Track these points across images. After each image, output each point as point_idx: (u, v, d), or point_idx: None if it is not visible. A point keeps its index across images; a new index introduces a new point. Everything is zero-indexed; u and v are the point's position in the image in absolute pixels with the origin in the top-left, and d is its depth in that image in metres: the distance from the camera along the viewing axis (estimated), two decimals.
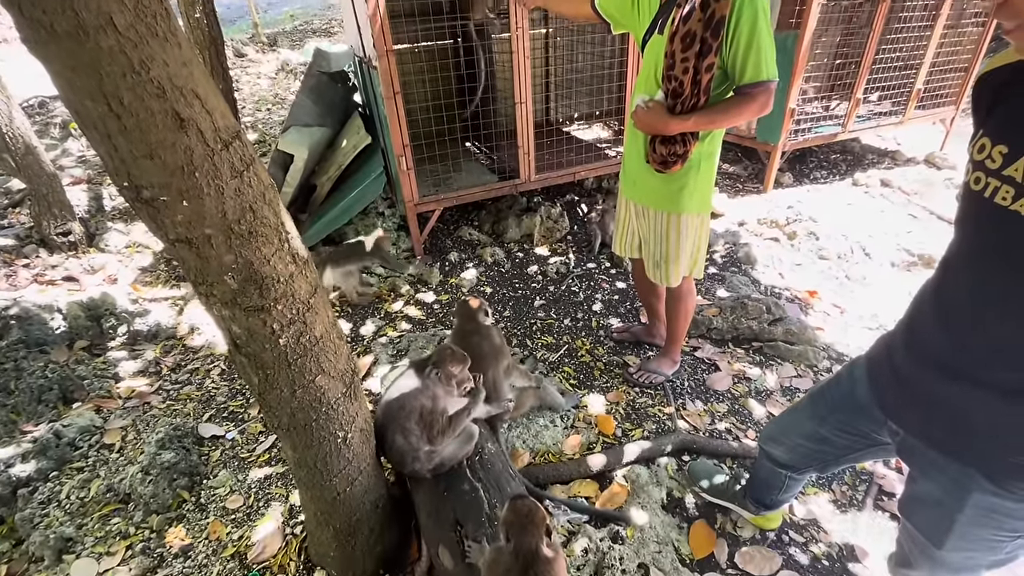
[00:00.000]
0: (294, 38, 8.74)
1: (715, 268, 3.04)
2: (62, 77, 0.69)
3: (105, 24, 0.65)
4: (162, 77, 0.73)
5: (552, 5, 2.63)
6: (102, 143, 0.76)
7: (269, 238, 0.94)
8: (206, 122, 0.80)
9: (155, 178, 0.79)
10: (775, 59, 1.53)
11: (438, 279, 2.98)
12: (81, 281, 2.87)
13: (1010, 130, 0.77)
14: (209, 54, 2.95)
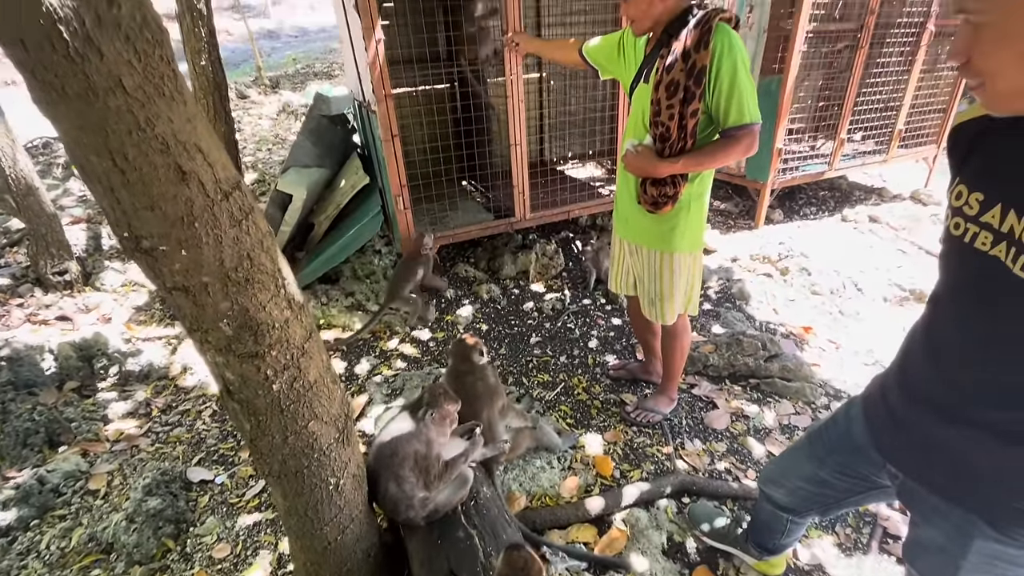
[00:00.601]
0: (296, 81, 9.02)
1: (710, 304, 3.06)
2: (70, 135, 0.72)
3: (115, 86, 0.68)
4: (166, 133, 0.75)
5: (544, 52, 2.76)
6: (105, 196, 0.78)
7: (265, 284, 0.95)
8: (207, 174, 0.82)
9: (155, 229, 0.81)
10: (757, 103, 1.59)
11: (433, 316, 2.98)
12: (75, 320, 2.85)
13: (984, 179, 0.80)
14: (213, 99, 3.04)
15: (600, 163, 4.44)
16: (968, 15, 0.66)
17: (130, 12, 0.67)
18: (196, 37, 2.87)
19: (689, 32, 1.55)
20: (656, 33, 1.68)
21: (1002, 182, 0.77)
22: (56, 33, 0.62)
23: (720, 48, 1.52)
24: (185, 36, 2.91)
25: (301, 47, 14.74)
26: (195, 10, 2.80)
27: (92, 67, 0.66)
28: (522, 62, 2.80)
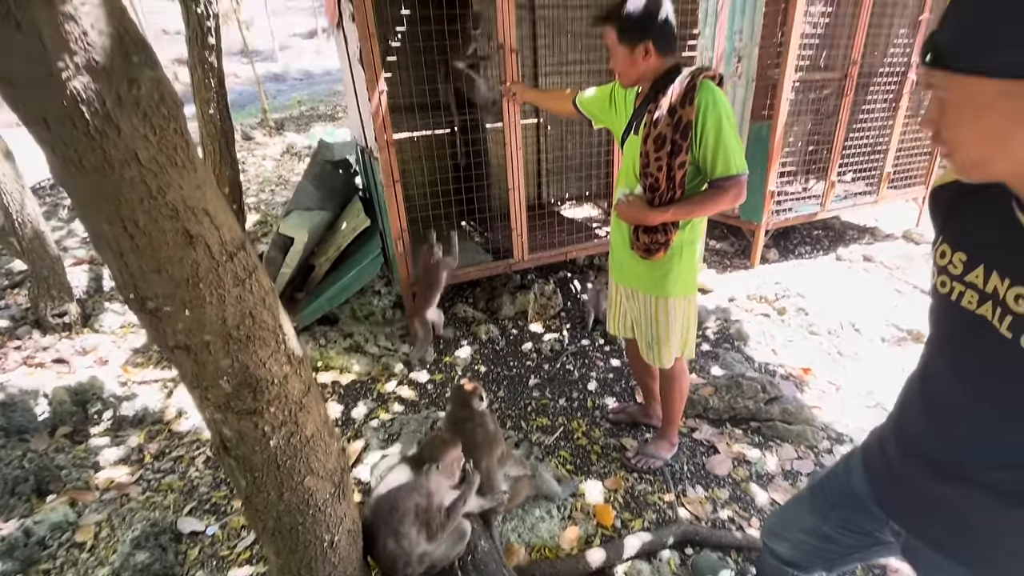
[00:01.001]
0: (300, 123, 9.28)
1: (708, 345, 3.06)
2: (84, 204, 0.75)
3: (130, 159, 0.71)
4: (177, 200, 0.78)
5: (539, 102, 2.87)
6: (114, 260, 0.80)
7: (266, 341, 0.97)
8: (214, 237, 0.85)
9: (160, 290, 0.82)
10: (743, 155, 1.65)
11: (432, 357, 2.97)
12: (71, 363, 2.84)
13: (965, 239, 0.82)
14: (219, 145, 3.13)
15: (597, 204, 4.52)
16: (934, 90, 0.70)
17: (149, 92, 0.71)
18: (206, 88, 2.98)
19: (675, 88, 1.62)
20: (644, 88, 1.76)
21: (982, 244, 0.79)
22: (78, 113, 0.65)
23: (705, 104, 1.59)
24: (196, 87, 3.02)
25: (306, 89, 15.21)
26: (207, 63, 2.92)
27: (110, 143, 0.69)
28: (520, 109, 2.90)
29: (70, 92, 0.64)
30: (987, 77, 0.62)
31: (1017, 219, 0.73)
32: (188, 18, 2.88)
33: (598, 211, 4.39)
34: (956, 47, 0.64)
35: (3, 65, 0.61)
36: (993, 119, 0.64)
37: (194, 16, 2.84)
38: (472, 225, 4.03)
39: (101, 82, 0.66)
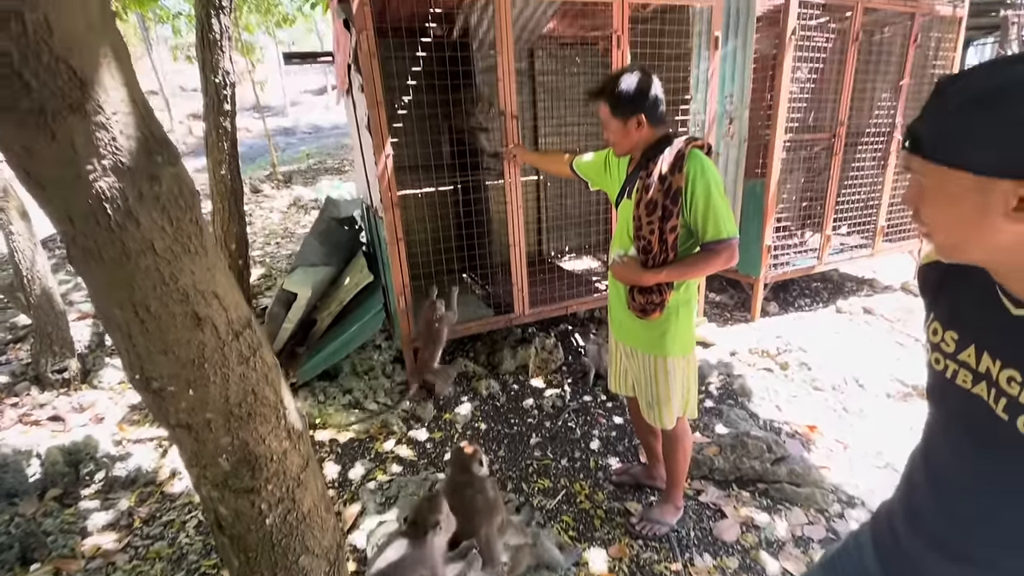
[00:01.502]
0: (308, 176, 9.58)
1: (712, 401, 3.02)
2: (98, 290, 0.77)
3: (147, 249, 0.75)
4: (188, 285, 0.81)
5: (538, 164, 2.98)
6: (122, 342, 0.82)
7: (267, 417, 0.97)
8: (221, 318, 0.87)
9: (166, 371, 0.84)
10: (732, 219, 1.70)
11: (432, 415, 2.94)
12: (67, 421, 2.81)
13: (955, 319, 0.83)
14: (228, 203, 3.22)
15: (596, 257, 4.59)
16: (913, 173, 0.73)
17: (168, 187, 0.75)
18: (219, 149, 3.11)
19: (665, 157, 1.70)
20: (636, 156, 1.84)
21: (971, 324, 0.80)
22: (101, 210, 0.69)
23: (694, 172, 1.66)
24: (209, 148, 3.15)
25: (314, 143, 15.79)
26: (221, 127, 3.06)
27: (128, 235, 0.72)
28: (520, 168, 3.00)
29: (95, 192, 0.68)
30: (962, 171, 0.65)
31: (1001, 301, 0.75)
32: (206, 86, 3.04)
33: (598, 263, 4.45)
34: (934, 140, 0.68)
35: (36, 171, 0.65)
36: (967, 209, 0.67)
37: (212, 85, 3.00)
38: (473, 278, 4.08)
39: (125, 181, 0.70)
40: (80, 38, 0.61)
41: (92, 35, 0.63)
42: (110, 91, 0.65)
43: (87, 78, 0.62)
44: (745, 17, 3.48)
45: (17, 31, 0.56)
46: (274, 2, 9.36)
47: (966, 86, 0.65)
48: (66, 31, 0.59)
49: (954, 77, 0.68)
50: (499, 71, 2.76)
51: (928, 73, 4.37)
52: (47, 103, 0.60)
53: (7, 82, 0.58)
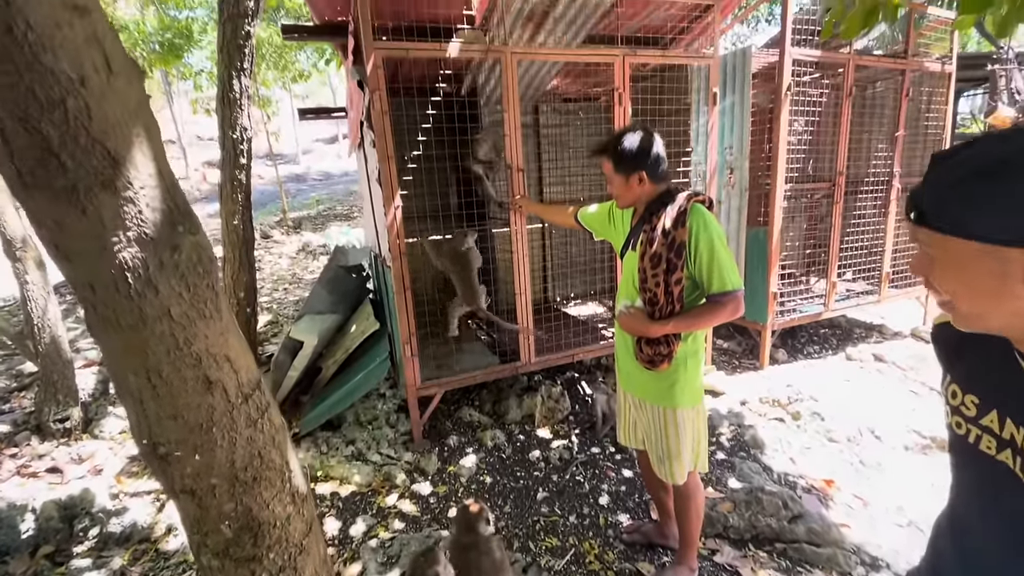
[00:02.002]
0: (317, 222, 9.78)
1: (723, 453, 2.94)
2: (113, 356, 0.78)
3: (163, 315, 0.76)
4: (201, 349, 0.81)
5: (543, 214, 3.04)
6: (133, 407, 0.82)
7: (272, 481, 0.95)
8: (231, 381, 0.87)
9: (174, 436, 0.83)
10: (736, 271, 1.71)
11: (436, 467, 2.86)
12: (65, 472, 2.75)
13: (975, 382, 0.81)
14: (240, 252, 3.28)
15: (602, 302, 4.60)
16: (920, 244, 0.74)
17: (188, 255, 0.77)
18: (233, 201, 3.20)
19: (668, 212, 1.73)
20: (639, 209, 1.87)
21: (992, 388, 0.78)
22: (123, 279, 0.71)
23: (696, 227, 1.69)
24: (224, 200, 3.25)
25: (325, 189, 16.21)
26: (236, 180, 3.17)
27: (147, 302, 0.74)
28: (526, 217, 3.06)
29: (119, 262, 0.70)
30: (970, 240, 0.65)
31: (1021, 367, 0.73)
32: (224, 141, 3.17)
33: (603, 309, 4.45)
34: (936, 209, 0.68)
35: (64, 244, 0.68)
36: (982, 277, 0.67)
37: (230, 140, 3.13)
38: (479, 325, 4.08)
39: (148, 251, 0.72)
40: (116, 121, 0.64)
41: (127, 117, 0.67)
42: (140, 167, 0.68)
43: (120, 157, 0.65)
44: (741, 74, 3.62)
45: (59, 117, 0.59)
46: (291, 59, 9.86)
47: (967, 158, 0.66)
48: (104, 116, 0.63)
49: (951, 150, 0.70)
50: (506, 126, 2.87)
51: (922, 125, 4.50)
52: (80, 181, 0.63)
53: (45, 163, 0.61)
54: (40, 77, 0.57)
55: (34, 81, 0.57)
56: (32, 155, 0.60)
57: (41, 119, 0.58)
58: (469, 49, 2.68)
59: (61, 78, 0.58)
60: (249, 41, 3.03)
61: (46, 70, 0.57)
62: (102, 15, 0.63)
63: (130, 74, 0.67)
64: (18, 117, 0.58)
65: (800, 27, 3.52)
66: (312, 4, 2.94)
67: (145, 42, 7.50)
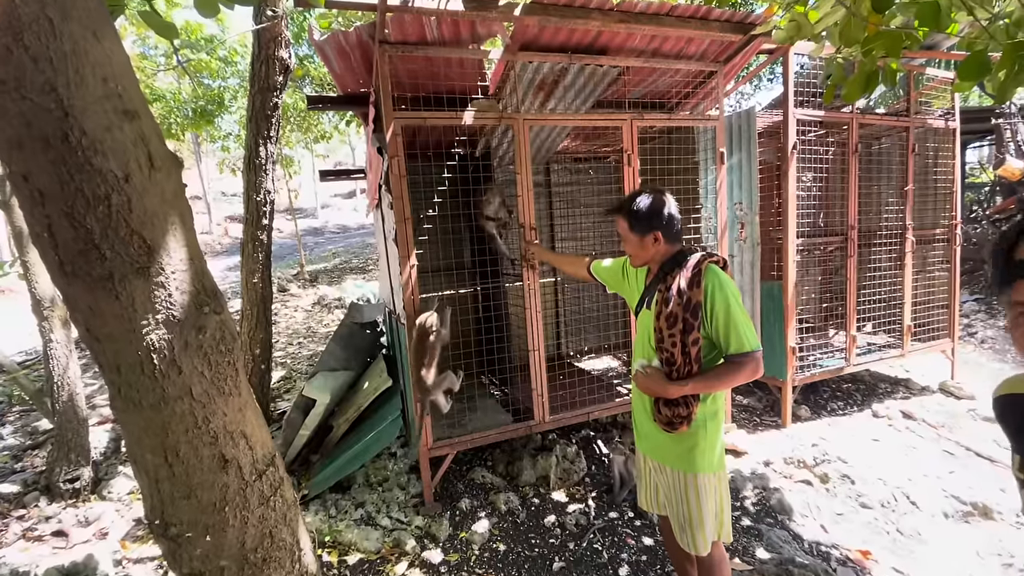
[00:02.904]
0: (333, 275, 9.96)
1: (748, 520, 2.79)
2: (133, 436, 0.79)
3: (184, 394, 0.77)
4: (218, 427, 0.82)
5: (555, 263, 3.05)
6: (148, 487, 0.81)
7: (282, 562, 0.92)
8: (247, 458, 0.87)
9: (186, 516, 0.82)
10: (754, 332, 1.69)
11: (447, 533, 2.75)
12: (70, 536, 2.70)
13: None
14: (258, 310, 3.35)
15: (616, 356, 4.54)
16: None
17: (212, 334, 0.79)
18: (253, 260, 3.29)
19: (683, 273, 1.73)
20: (654, 268, 1.88)
21: None
22: (148, 360, 0.73)
23: (711, 287, 1.69)
24: (244, 259, 3.34)
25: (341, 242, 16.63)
26: (258, 240, 3.28)
27: (169, 382, 0.75)
28: (539, 270, 3.08)
29: (146, 344, 0.72)
30: None
31: None
32: (248, 203, 3.30)
33: (618, 363, 4.39)
34: None
35: (95, 327, 0.70)
36: None
37: (253, 203, 3.26)
38: (491, 380, 4.03)
39: (174, 332, 0.74)
40: (154, 212, 0.68)
41: (165, 207, 0.70)
42: (172, 253, 0.72)
43: (155, 245, 0.69)
44: (747, 134, 3.73)
45: (103, 212, 0.63)
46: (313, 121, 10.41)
47: None
48: (144, 208, 0.66)
49: None
50: (518, 187, 2.96)
51: (931, 178, 4.53)
52: (117, 269, 0.66)
53: (87, 254, 0.64)
54: (89, 176, 0.61)
55: (83, 181, 0.61)
56: (75, 247, 0.63)
57: (87, 214, 0.62)
58: (483, 117, 2.81)
59: (108, 176, 0.63)
60: (276, 112, 3.22)
61: (95, 170, 0.62)
62: (150, 116, 0.68)
63: (170, 167, 0.71)
64: (65, 213, 0.62)
65: (802, 88, 3.65)
66: (336, 77, 3.14)
67: (179, 109, 8.01)
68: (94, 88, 0.61)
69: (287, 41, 3.21)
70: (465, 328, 3.59)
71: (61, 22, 0.57)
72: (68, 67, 0.58)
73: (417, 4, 2.42)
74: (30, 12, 0.55)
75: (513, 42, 2.76)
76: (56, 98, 0.58)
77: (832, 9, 1.98)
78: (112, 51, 0.64)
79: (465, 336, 3.60)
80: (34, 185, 0.60)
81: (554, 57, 2.88)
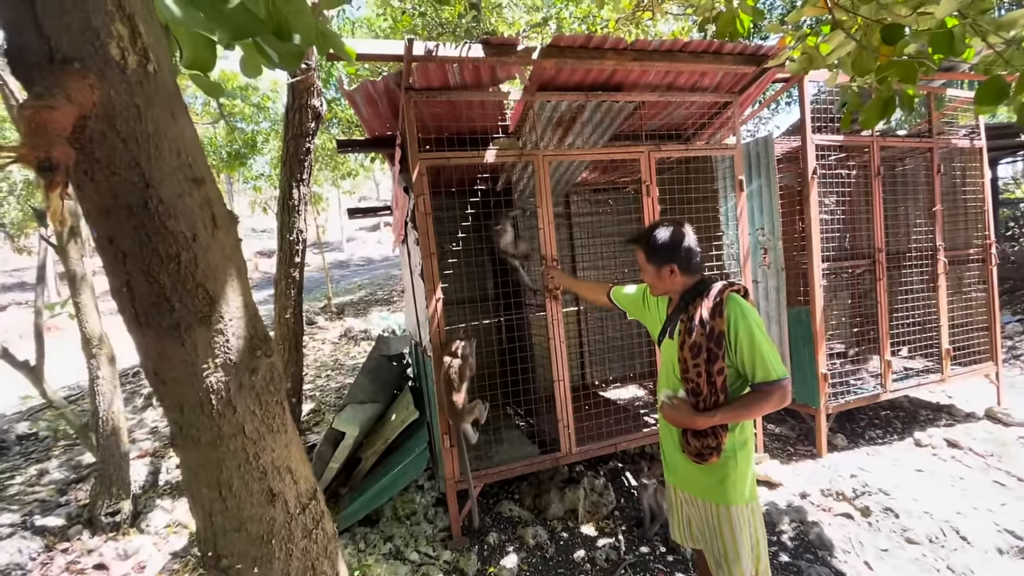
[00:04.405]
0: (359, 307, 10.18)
1: (786, 555, 2.69)
2: (191, 471, 0.85)
3: (238, 432, 0.83)
4: (267, 462, 0.87)
5: (576, 289, 3.07)
6: (202, 520, 0.87)
7: None
8: (291, 492, 0.92)
9: (237, 548, 0.87)
10: (779, 359, 1.68)
11: (475, 568, 2.73)
12: (110, 569, 2.77)
13: None
14: (289, 344, 3.46)
15: (642, 385, 4.50)
16: None
17: (263, 375, 0.86)
18: (286, 297, 3.43)
19: (705, 303, 1.75)
20: (674, 298, 1.90)
21: None
22: (207, 400, 0.79)
23: (734, 316, 1.69)
24: (277, 295, 3.48)
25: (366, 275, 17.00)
26: (290, 277, 3.42)
27: (225, 420, 0.82)
28: (561, 300, 3.11)
29: (206, 385, 0.79)
30: None
31: None
32: (282, 243, 3.46)
33: (644, 392, 4.34)
34: None
35: (162, 371, 0.77)
36: None
37: (287, 242, 3.42)
38: (516, 411, 4.03)
39: (230, 374, 0.81)
40: (216, 266, 0.76)
41: (225, 261, 0.78)
42: (231, 303, 0.79)
43: (216, 296, 0.76)
44: (766, 160, 3.76)
45: (173, 268, 0.71)
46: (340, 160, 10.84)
47: None
48: (208, 263, 0.74)
49: None
50: (539, 220, 3.03)
51: (960, 198, 4.45)
52: (183, 319, 0.74)
53: (159, 306, 0.72)
54: (163, 238, 0.70)
55: (159, 241, 0.69)
56: (150, 300, 0.71)
57: (160, 271, 0.70)
58: (505, 155, 2.92)
59: (179, 237, 0.71)
60: (309, 156, 3.41)
61: (168, 232, 0.70)
62: (213, 181, 0.77)
63: (229, 225, 0.80)
64: (142, 270, 0.70)
65: (819, 114, 3.67)
66: (364, 122, 3.31)
67: (215, 152, 8.46)
68: (170, 161, 0.69)
69: (319, 90, 3.42)
70: (490, 359, 3.63)
71: (146, 108, 0.66)
72: (150, 145, 0.66)
73: (440, 53, 2.57)
74: (122, 101, 0.64)
75: (531, 84, 2.89)
76: (139, 172, 0.67)
77: (844, 41, 2.03)
78: (184, 128, 0.73)
79: (490, 367, 3.62)
80: (118, 247, 0.68)
81: (571, 96, 2.99)
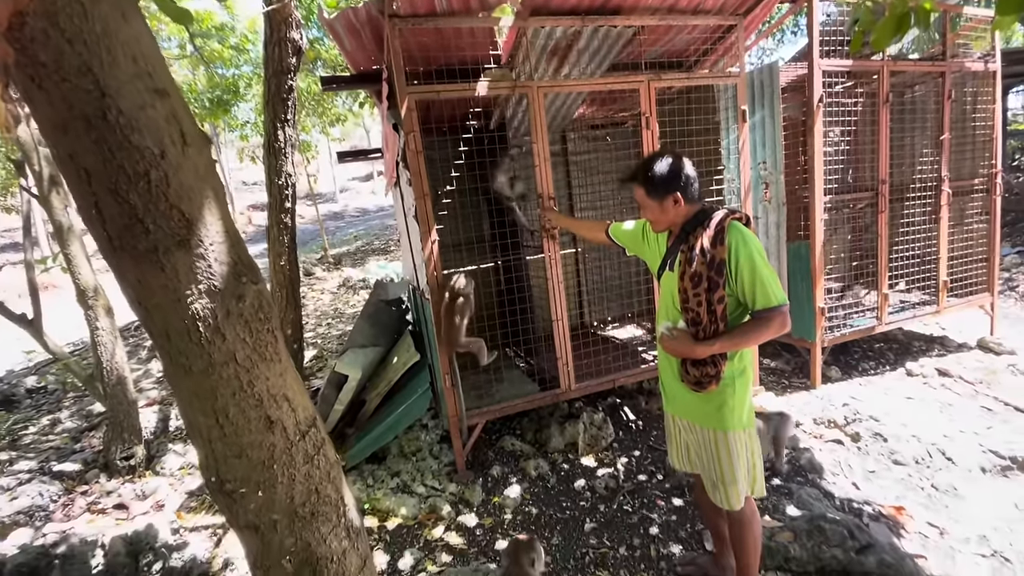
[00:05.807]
0: (356, 257, 10.12)
1: (778, 479, 2.80)
2: (185, 400, 0.84)
3: (229, 360, 0.82)
4: (262, 390, 0.87)
5: (573, 228, 3.03)
6: (202, 447, 0.87)
7: (328, 516, 0.98)
8: (290, 419, 0.92)
9: (239, 473, 0.88)
10: (779, 286, 1.67)
11: (480, 498, 2.85)
12: (130, 508, 2.89)
13: None
14: (287, 291, 3.45)
15: (640, 324, 4.54)
16: None
17: (251, 303, 0.83)
18: (280, 243, 3.38)
19: (706, 231, 1.71)
20: (675, 230, 1.86)
21: None
22: (194, 327, 0.77)
23: (735, 244, 1.67)
24: (271, 243, 3.43)
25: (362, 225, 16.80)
26: (282, 223, 3.35)
27: (215, 348, 0.80)
28: (559, 240, 3.06)
29: (191, 312, 0.77)
30: None
31: None
32: (271, 188, 3.37)
33: (642, 331, 4.39)
34: None
35: (144, 298, 0.75)
36: None
37: (275, 187, 3.32)
38: (516, 352, 4.09)
39: (216, 301, 0.78)
40: (190, 187, 0.72)
41: (199, 182, 0.74)
42: (209, 226, 0.75)
43: (193, 218, 0.72)
44: (770, 89, 3.60)
45: (143, 187, 0.66)
46: (328, 105, 10.42)
47: None
48: (180, 183, 0.70)
49: None
50: (535, 157, 2.93)
51: (969, 126, 4.31)
52: (160, 242, 0.70)
53: (132, 228, 0.68)
54: (128, 154, 0.65)
55: (124, 158, 0.65)
56: (121, 222, 0.67)
57: (129, 190, 0.66)
58: (497, 87, 2.78)
59: (145, 153, 0.66)
60: (292, 94, 3.25)
61: (133, 147, 0.65)
62: (179, 95, 0.71)
63: (201, 144, 0.74)
64: (110, 189, 0.65)
65: (828, 38, 3.48)
66: (348, 56, 3.13)
67: (196, 100, 8.11)
68: (126, 67, 0.64)
69: (298, 22, 3.21)
70: (488, 301, 3.63)
71: (91, 6, 0.60)
72: (101, 47, 0.60)
73: None
74: None
75: (524, 7, 2.70)
76: (92, 79, 0.61)
77: None
78: (140, 31, 0.66)
79: (488, 309, 3.63)
80: (80, 164, 0.64)
81: (566, 21, 2.81)
